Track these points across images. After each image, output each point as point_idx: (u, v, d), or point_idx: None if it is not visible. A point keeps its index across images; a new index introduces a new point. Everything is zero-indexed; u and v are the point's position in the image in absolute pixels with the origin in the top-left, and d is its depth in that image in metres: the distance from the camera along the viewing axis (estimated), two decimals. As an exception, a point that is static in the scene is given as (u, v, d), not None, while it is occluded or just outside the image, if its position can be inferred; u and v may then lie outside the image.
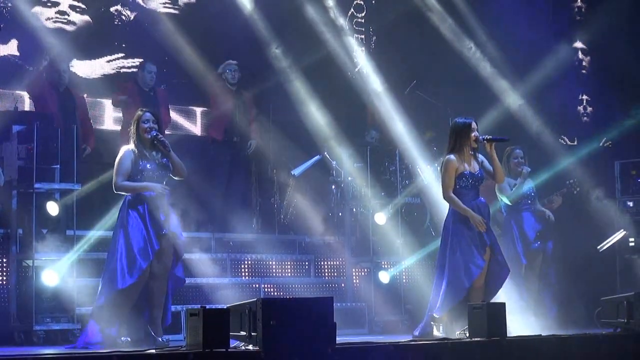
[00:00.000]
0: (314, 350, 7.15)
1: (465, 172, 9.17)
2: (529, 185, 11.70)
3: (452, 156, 9.20)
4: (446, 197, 9.23)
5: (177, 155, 9.16)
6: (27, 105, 12.45)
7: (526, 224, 11.61)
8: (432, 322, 9.15)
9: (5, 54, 12.77)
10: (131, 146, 9.02)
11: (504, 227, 11.67)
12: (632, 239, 12.95)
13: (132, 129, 9.08)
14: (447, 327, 9.08)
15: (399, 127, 13.73)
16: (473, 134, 9.21)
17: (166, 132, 13.30)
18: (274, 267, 12.49)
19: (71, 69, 12.75)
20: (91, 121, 12.40)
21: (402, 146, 13.35)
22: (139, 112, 9.15)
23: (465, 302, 8.91)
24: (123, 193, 8.99)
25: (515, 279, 11.01)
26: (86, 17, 13.47)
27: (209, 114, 13.70)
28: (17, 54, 12.82)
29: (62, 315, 10.17)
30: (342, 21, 14.73)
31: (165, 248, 8.93)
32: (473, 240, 9.08)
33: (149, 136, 9.01)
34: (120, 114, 12.80)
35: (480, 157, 9.37)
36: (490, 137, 9.36)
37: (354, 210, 13.20)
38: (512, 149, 11.61)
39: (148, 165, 8.96)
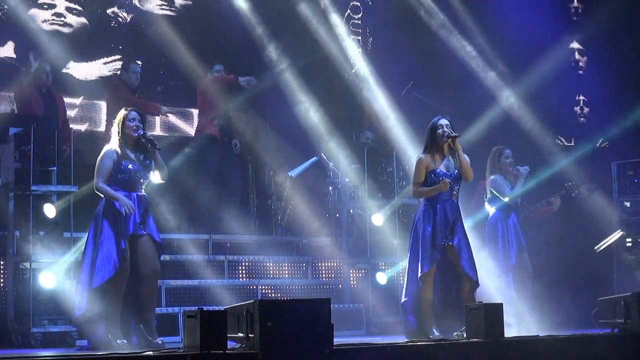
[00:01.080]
0: (312, 352, 7.15)
1: (437, 170, 9.27)
2: (526, 188, 11.65)
3: (422, 155, 9.39)
4: (415, 192, 9.46)
5: (175, 157, 9.12)
6: (24, 107, 12.45)
7: (519, 224, 11.56)
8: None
9: (2, 56, 12.78)
10: (114, 146, 8.90)
11: (497, 228, 11.55)
12: (629, 240, 12.96)
13: (117, 128, 8.95)
14: (443, 327, 9.12)
15: (396, 128, 13.74)
16: (440, 130, 9.27)
17: (163, 133, 13.36)
18: (271, 268, 12.49)
19: (68, 70, 12.76)
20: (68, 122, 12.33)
21: (399, 147, 13.36)
22: (124, 111, 9.01)
23: (458, 303, 8.99)
24: (100, 194, 8.90)
25: (509, 279, 11.02)
26: (83, 19, 13.47)
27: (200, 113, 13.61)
28: (14, 55, 12.82)
29: (60, 318, 10.15)
30: (338, 22, 14.72)
31: (145, 250, 8.86)
32: (430, 241, 9.16)
33: (136, 135, 8.92)
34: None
35: (466, 158, 9.39)
36: (450, 134, 9.39)
37: (351, 211, 13.20)
38: (502, 149, 11.53)
39: (130, 166, 8.87)
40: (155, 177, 9.06)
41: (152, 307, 8.91)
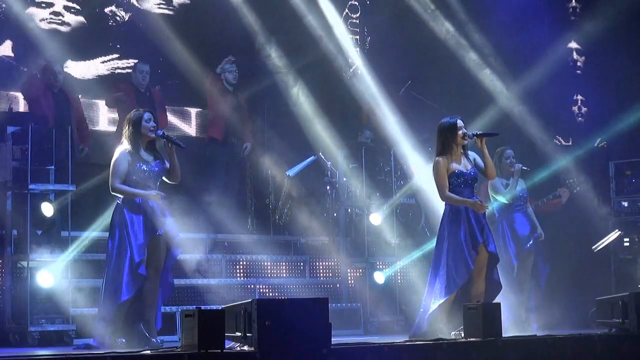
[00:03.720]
0: (309, 351, 7.15)
1: (457, 171, 9.17)
2: (522, 186, 11.67)
3: (439, 158, 9.22)
4: (443, 197, 9.22)
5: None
6: (21, 106, 12.45)
7: (518, 225, 11.57)
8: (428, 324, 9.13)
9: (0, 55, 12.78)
10: (127, 147, 8.86)
11: (495, 229, 11.57)
12: (626, 239, 12.96)
13: (129, 129, 8.89)
14: (446, 327, 9.07)
15: (394, 127, 13.73)
16: (460, 132, 9.22)
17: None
18: (269, 267, 12.48)
19: (66, 69, 12.75)
20: (87, 122, 12.40)
21: (397, 147, 13.35)
22: (138, 112, 8.96)
23: (460, 303, 8.94)
24: (119, 195, 8.90)
25: (508, 280, 11.02)
26: (80, 18, 13.46)
27: (206, 114, 13.67)
28: (12, 54, 12.81)
29: (57, 317, 10.15)
30: (337, 21, 14.71)
31: (156, 250, 8.84)
32: (466, 242, 9.08)
33: (155, 135, 8.90)
34: (116, 115, 12.79)
35: (473, 154, 9.36)
36: (480, 132, 9.37)
37: (349, 210, 13.20)
38: (503, 149, 11.57)
39: (144, 167, 8.84)
40: (170, 177, 9.05)
41: (152, 306, 8.89)
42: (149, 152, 8.95)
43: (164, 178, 9.06)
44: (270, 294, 12.14)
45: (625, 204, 13.13)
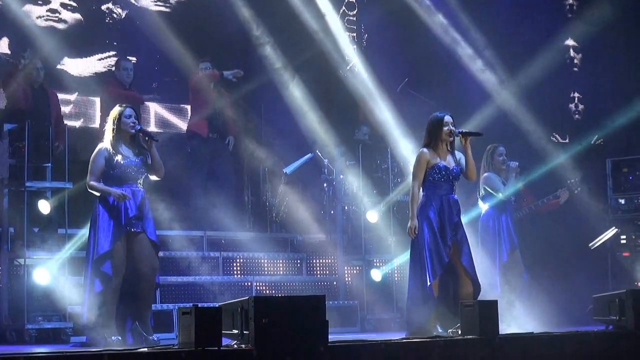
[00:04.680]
0: (306, 349, 7.14)
1: (440, 165, 9.19)
2: (518, 185, 11.64)
3: (424, 149, 9.27)
4: (412, 188, 9.30)
5: (169, 154, 9.08)
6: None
7: (511, 223, 11.55)
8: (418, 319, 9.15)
9: (-4, 52, 12.78)
10: (106, 144, 8.89)
11: (489, 225, 11.50)
12: (623, 237, 12.97)
13: (111, 125, 8.94)
14: (443, 325, 9.07)
15: (391, 124, 13.73)
16: (446, 128, 9.23)
17: (158, 130, 13.35)
18: (266, 265, 12.49)
19: (62, 67, 12.73)
20: (64, 119, 12.31)
21: (393, 144, 13.35)
22: (120, 108, 9.00)
23: (451, 302, 8.95)
24: (93, 192, 8.90)
25: (493, 277, 11.03)
26: (77, 15, 13.46)
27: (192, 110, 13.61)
28: (8, 52, 12.80)
29: (54, 314, 10.14)
30: (334, 19, 14.70)
31: (143, 247, 8.84)
32: (439, 230, 9.09)
33: (133, 131, 8.94)
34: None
35: (459, 154, 9.38)
36: (466, 131, 9.38)
37: (346, 208, 13.20)
38: (495, 147, 11.55)
39: (122, 161, 8.86)
40: (152, 173, 9.04)
41: (149, 304, 8.91)
42: (130, 148, 8.97)
43: (148, 175, 9.06)
44: (267, 292, 12.15)
45: (622, 201, 13.15)
